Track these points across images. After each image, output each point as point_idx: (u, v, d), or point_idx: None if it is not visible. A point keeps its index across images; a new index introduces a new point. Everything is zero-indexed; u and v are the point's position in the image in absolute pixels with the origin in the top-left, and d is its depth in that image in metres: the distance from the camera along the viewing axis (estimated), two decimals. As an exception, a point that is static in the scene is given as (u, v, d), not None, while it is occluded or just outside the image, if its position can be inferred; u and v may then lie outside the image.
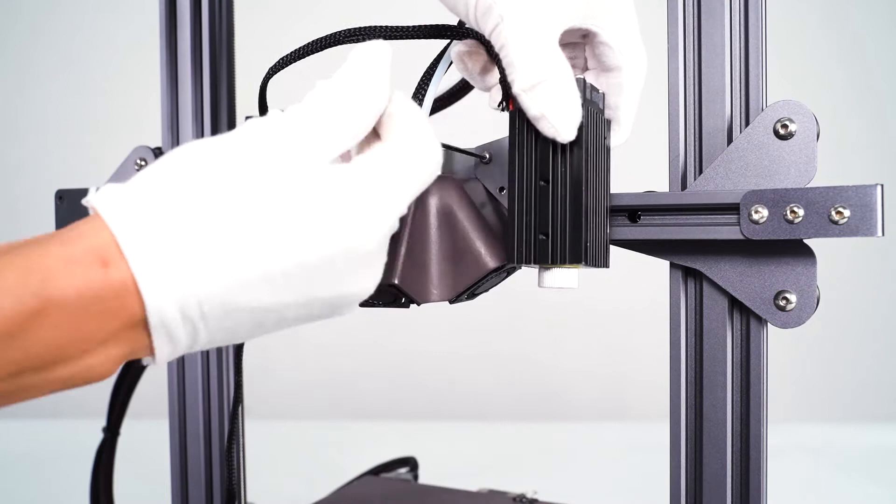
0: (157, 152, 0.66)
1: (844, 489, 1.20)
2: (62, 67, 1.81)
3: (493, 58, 0.42)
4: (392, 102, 0.38)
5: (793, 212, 0.41)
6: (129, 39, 1.74)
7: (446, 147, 0.47)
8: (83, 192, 0.67)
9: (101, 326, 0.30)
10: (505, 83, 0.43)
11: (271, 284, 0.32)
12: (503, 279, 0.50)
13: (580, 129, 0.43)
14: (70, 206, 0.68)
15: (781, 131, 0.43)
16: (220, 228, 0.31)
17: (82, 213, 0.62)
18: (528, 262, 0.44)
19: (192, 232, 0.31)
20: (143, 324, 0.31)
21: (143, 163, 0.66)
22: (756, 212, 0.42)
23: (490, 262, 0.46)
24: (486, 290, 0.50)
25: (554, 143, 0.43)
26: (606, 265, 0.46)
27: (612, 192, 0.47)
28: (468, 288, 0.46)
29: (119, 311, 0.30)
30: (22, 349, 0.29)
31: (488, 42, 0.42)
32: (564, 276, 0.44)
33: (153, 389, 0.85)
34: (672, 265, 0.48)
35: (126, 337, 0.31)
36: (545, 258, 0.43)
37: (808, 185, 0.42)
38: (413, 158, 0.36)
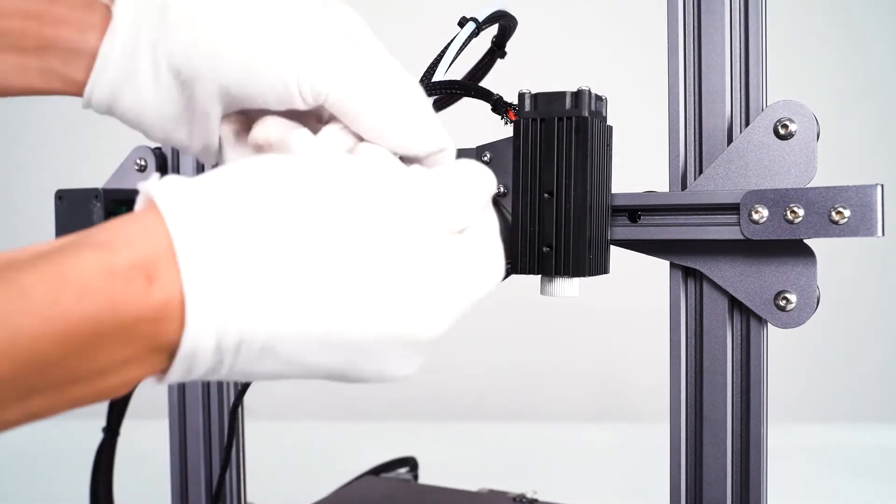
0: (157, 152, 0.66)
1: (844, 489, 1.20)
2: (62, 67, 1.81)
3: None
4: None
5: (793, 212, 0.41)
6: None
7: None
8: (83, 192, 0.67)
9: (127, 349, 0.26)
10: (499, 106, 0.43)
11: (323, 346, 0.29)
12: (503, 279, 0.50)
13: (588, 142, 0.42)
14: (70, 206, 0.67)
15: (781, 131, 0.43)
16: (296, 269, 0.27)
17: (82, 212, 0.62)
18: (531, 273, 0.44)
19: (261, 264, 0.27)
20: (171, 348, 0.26)
21: (143, 162, 0.66)
22: (756, 212, 0.42)
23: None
24: (486, 290, 0.50)
25: (559, 157, 0.43)
26: (606, 271, 0.46)
27: (612, 192, 0.47)
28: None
29: (152, 335, 0.26)
30: (40, 374, 0.24)
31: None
32: (566, 286, 0.44)
33: (153, 389, 0.85)
34: (672, 265, 0.48)
35: (149, 360, 0.27)
36: (549, 270, 0.44)
37: (808, 185, 0.42)
38: (491, 260, 0.34)
